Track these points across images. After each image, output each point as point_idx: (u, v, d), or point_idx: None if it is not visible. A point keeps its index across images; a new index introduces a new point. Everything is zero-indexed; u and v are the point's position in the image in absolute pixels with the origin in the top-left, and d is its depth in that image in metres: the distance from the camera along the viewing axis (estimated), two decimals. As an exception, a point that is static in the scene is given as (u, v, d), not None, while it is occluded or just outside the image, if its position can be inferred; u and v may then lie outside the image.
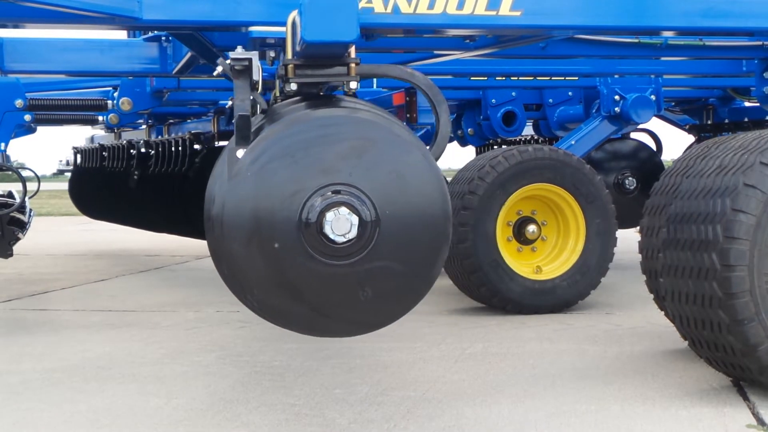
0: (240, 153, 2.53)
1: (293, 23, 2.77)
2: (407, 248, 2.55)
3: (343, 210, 2.46)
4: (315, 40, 2.63)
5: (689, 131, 9.02)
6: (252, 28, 3.02)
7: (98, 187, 8.86)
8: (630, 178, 7.87)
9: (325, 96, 2.86)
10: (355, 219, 2.46)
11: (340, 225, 2.46)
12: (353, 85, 2.80)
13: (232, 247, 2.52)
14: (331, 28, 2.62)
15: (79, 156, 9.58)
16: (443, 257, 2.62)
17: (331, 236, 2.46)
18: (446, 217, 2.59)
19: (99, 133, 9.63)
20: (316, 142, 2.52)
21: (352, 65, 2.80)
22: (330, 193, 2.49)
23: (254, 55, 2.65)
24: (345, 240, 2.47)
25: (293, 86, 2.79)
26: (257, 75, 2.64)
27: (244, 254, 2.52)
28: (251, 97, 2.69)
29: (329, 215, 2.45)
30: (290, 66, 2.79)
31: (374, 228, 2.50)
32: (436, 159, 2.69)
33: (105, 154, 8.53)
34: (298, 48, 2.75)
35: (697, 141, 8.85)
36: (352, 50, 2.82)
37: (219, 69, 2.67)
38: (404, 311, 2.69)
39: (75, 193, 10.12)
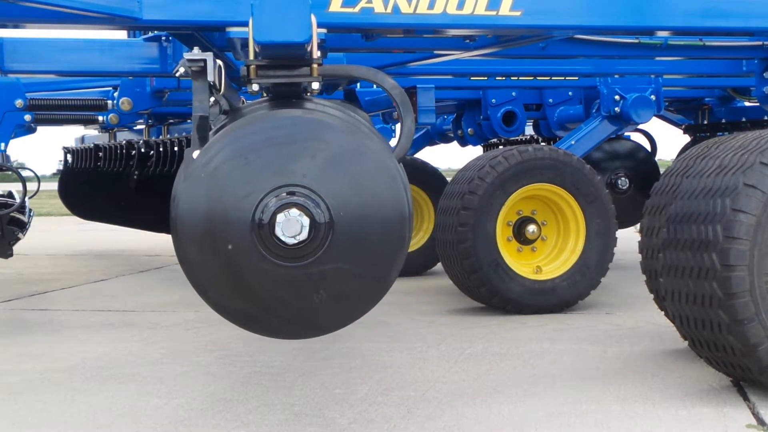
0: (195, 154, 2.53)
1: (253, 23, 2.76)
2: (362, 250, 2.52)
3: (294, 211, 2.44)
4: (266, 41, 2.61)
5: (685, 131, 9.03)
6: (229, 29, 3.00)
7: (94, 188, 8.80)
8: (623, 178, 7.88)
9: (289, 97, 2.84)
10: (306, 220, 2.44)
11: (291, 226, 2.44)
12: (315, 85, 2.78)
13: (187, 248, 2.53)
14: (283, 29, 2.59)
15: (69, 156, 9.48)
16: (400, 259, 2.58)
17: (282, 238, 2.45)
18: (402, 219, 2.55)
19: (90, 133, 9.58)
20: (269, 143, 2.51)
21: (315, 66, 2.78)
22: (285, 194, 2.47)
23: (209, 56, 2.63)
24: (296, 241, 2.45)
25: (255, 87, 2.78)
26: (213, 75, 2.62)
27: (199, 255, 2.52)
28: (214, 98, 2.69)
29: (280, 217, 2.44)
30: (252, 67, 2.77)
31: (328, 230, 2.49)
32: (399, 160, 2.66)
33: (100, 154, 8.50)
34: (257, 49, 2.74)
35: (693, 141, 8.85)
36: (314, 50, 2.80)
37: (181, 70, 2.65)
38: (360, 314, 2.66)
39: (67, 193, 9.92)
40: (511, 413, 3.19)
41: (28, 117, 5.96)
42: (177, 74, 2.68)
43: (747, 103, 8.28)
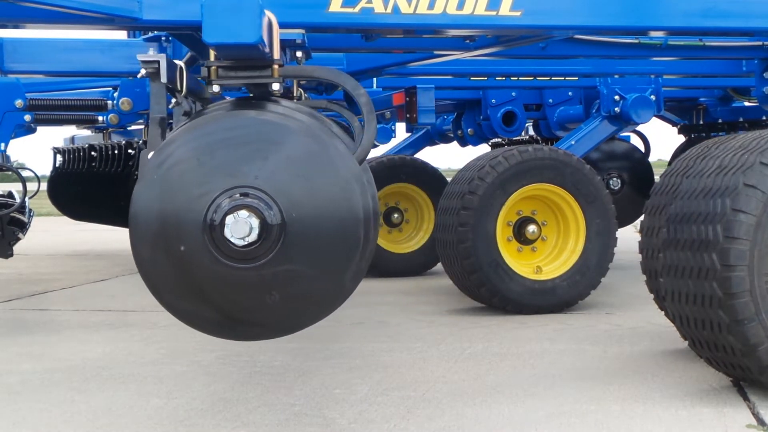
0: (149, 155, 2.53)
1: None
2: (315, 252, 2.51)
3: (243, 213, 2.43)
4: (215, 42, 2.60)
5: (679, 131, 9.04)
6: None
7: (89, 188, 8.74)
8: (615, 179, 7.90)
9: (248, 98, 2.84)
10: (255, 222, 2.43)
11: (239, 228, 2.43)
12: (275, 86, 2.77)
13: (141, 249, 2.53)
14: (232, 30, 2.57)
15: (59, 156, 9.41)
16: (356, 261, 2.56)
17: (231, 239, 2.44)
18: (356, 220, 2.53)
19: (80, 133, 9.54)
20: (221, 144, 2.50)
21: (275, 67, 2.78)
22: (238, 195, 2.47)
23: (162, 57, 2.63)
24: (245, 243, 2.44)
25: (215, 88, 2.77)
26: (166, 77, 2.62)
27: (152, 257, 2.52)
28: (176, 100, 2.69)
29: (229, 218, 2.43)
30: (213, 68, 2.77)
31: (280, 231, 2.48)
32: (360, 162, 2.64)
33: (94, 154, 8.47)
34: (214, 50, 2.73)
35: (688, 141, 8.86)
36: (276, 51, 2.79)
37: (143, 71, 2.65)
38: (318, 316, 2.65)
39: (59, 193, 9.78)
40: (511, 413, 3.19)
41: (28, 117, 5.96)
42: (139, 76, 2.68)
43: (747, 103, 8.28)
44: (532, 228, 5.46)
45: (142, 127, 8.56)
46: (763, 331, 3.10)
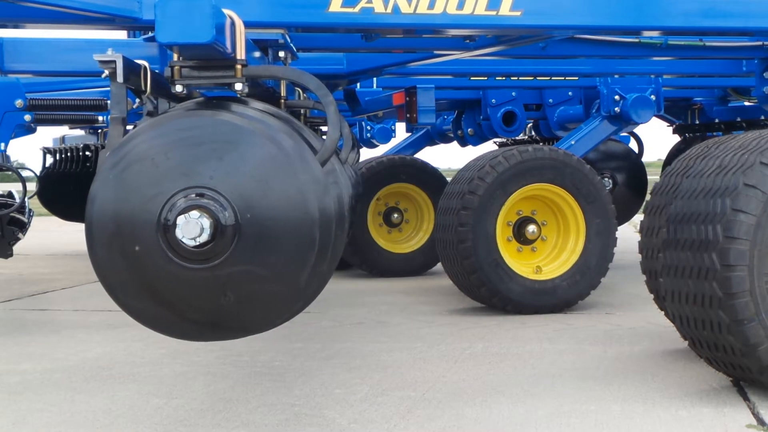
0: (106, 153, 2.53)
1: None
2: (270, 253, 2.50)
3: (194, 213, 2.42)
4: (167, 42, 2.60)
5: (675, 131, 9.04)
6: None
7: (82, 189, 8.68)
8: (606, 179, 7.91)
9: (211, 98, 2.83)
10: (207, 222, 2.42)
11: (190, 228, 2.42)
12: (238, 86, 2.76)
13: (97, 249, 2.52)
14: (185, 30, 2.56)
15: (49, 156, 9.36)
16: (311, 263, 2.56)
17: (183, 240, 2.43)
18: (312, 222, 2.51)
19: (71, 133, 9.51)
20: (176, 145, 2.49)
21: (238, 67, 2.77)
22: (194, 195, 2.46)
23: (119, 58, 2.62)
24: (196, 243, 2.43)
25: (178, 88, 2.77)
26: (122, 78, 2.61)
27: (108, 257, 2.51)
28: (140, 100, 2.68)
29: (180, 219, 2.42)
30: (176, 68, 2.76)
31: (234, 232, 2.47)
32: (323, 163, 2.63)
33: (89, 154, 8.45)
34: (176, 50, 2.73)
35: (683, 141, 8.86)
36: (240, 51, 2.78)
37: (106, 72, 2.64)
38: (276, 317, 2.63)
39: (51, 194, 9.70)
40: (511, 413, 3.19)
41: (28, 117, 5.95)
42: (103, 76, 2.67)
43: (746, 103, 8.28)
44: (532, 228, 5.45)
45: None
46: (763, 331, 3.10)
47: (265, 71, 2.98)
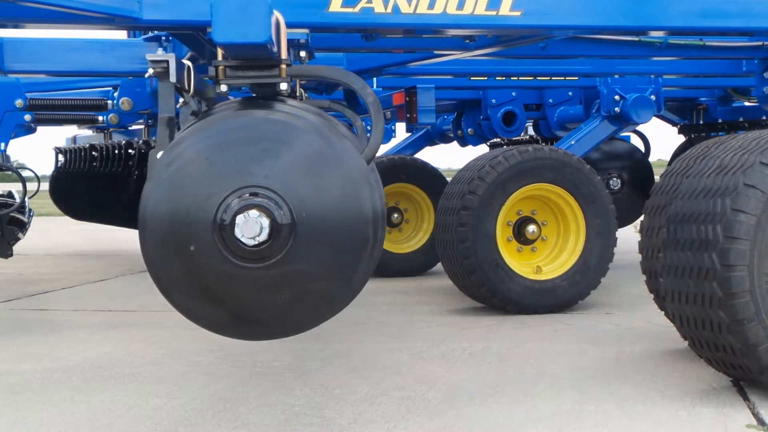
0: (159, 155, 2.53)
1: None
2: (325, 252, 2.51)
3: (254, 213, 2.43)
4: (225, 42, 2.60)
5: (680, 131, 9.03)
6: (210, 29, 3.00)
7: (90, 188, 8.73)
8: (615, 179, 7.90)
9: (255, 98, 2.83)
10: (266, 222, 2.43)
11: (250, 228, 2.43)
12: (283, 86, 2.77)
13: (150, 249, 2.52)
14: (241, 30, 2.57)
15: (61, 156, 9.41)
16: (364, 261, 2.57)
17: (242, 239, 2.43)
18: (366, 220, 2.53)
19: (82, 133, 9.55)
20: (230, 144, 2.50)
21: (283, 66, 2.78)
22: (248, 195, 2.46)
23: (172, 57, 2.62)
24: (255, 243, 2.44)
25: (223, 88, 2.77)
26: (175, 77, 2.62)
27: (162, 257, 2.51)
28: (184, 100, 2.68)
29: (239, 218, 2.43)
30: (221, 68, 2.77)
31: (290, 231, 2.47)
32: (368, 161, 2.65)
33: (95, 154, 8.46)
34: (223, 50, 2.73)
35: (688, 141, 8.86)
36: (284, 51, 2.79)
37: (150, 71, 2.65)
38: (326, 315, 2.65)
39: (60, 193, 9.75)
40: (511, 413, 3.19)
41: (28, 117, 5.96)
42: (147, 76, 2.68)
43: (746, 103, 8.28)
44: (532, 228, 5.45)
45: (143, 126, 8.57)
46: (763, 331, 3.10)
47: (310, 71, 2.99)
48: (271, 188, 2.47)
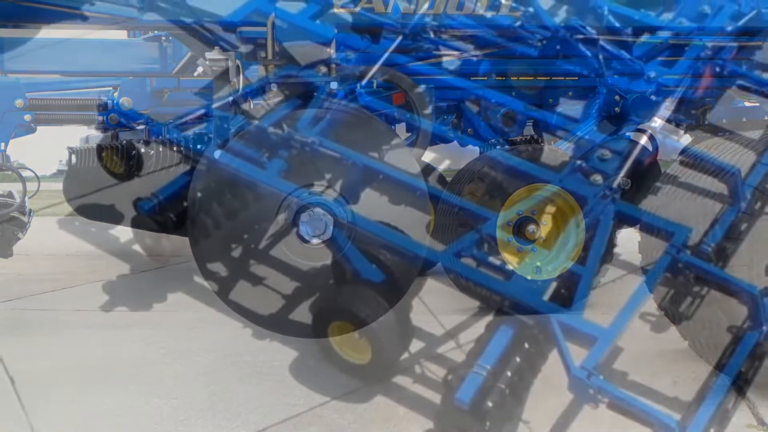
0: (217, 154, 2.54)
1: (272, 24, 2.76)
2: (384, 250, 2.53)
3: (317, 211, 2.44)
4: (288, 41, 2.61)
5: (685, 131, 9.02)
6: (242, 29, 3.02)
7: (98, 188, 8.75)
8: (624, 179, 7.87)
9: (308, 97, 2.85)
10: (329, 219, 2.45)
11: (314, 225, 2.44)
12: (334, 85, 2.79)
13: (204, 248, 2.53)
14: (306, 30, 2.59)
15: (74, 157, 9.45)
16: (421, 257, 2.60)
17: (305, 236, 2.45)
18: (425, 219, 2.56)
19: (94, 133, 9.56)
20: (292, 144, 2.51)
21: (333, 66, 2.79)
22: (308, 194, 2.47)
23: (231, 56, 2.64)
24: (319, 240, 2.45)
25: (273, 86, 2.78)
26: (234, 75, 2.63)
27: (220, 256, 2.53)
28: (231, 98, 2.70)
29: (303, 216, 2.44)
30: (270, 66, 2.78)
31: (351, 230, 2.49)
32: (418, 158, 2.68)
33: (102, 153, 8.47)
34: (277, 48, 2.74)
35: (693, 141, 8.85)
36: (332, 51, 2.80)
37: (200, 69, 2.67)
38: (383, 311, 2.70)
39: (74, 194, 9.82)
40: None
41: (28, 117, 5.96)
42: (195, 74, 2.71)
43: (747, 104, 8.27)
44: (531, 228, 5.45)
45: (144, 126, 8.57)
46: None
47: (361, 71, 3.00)
48: (333, 187, 2.53)
